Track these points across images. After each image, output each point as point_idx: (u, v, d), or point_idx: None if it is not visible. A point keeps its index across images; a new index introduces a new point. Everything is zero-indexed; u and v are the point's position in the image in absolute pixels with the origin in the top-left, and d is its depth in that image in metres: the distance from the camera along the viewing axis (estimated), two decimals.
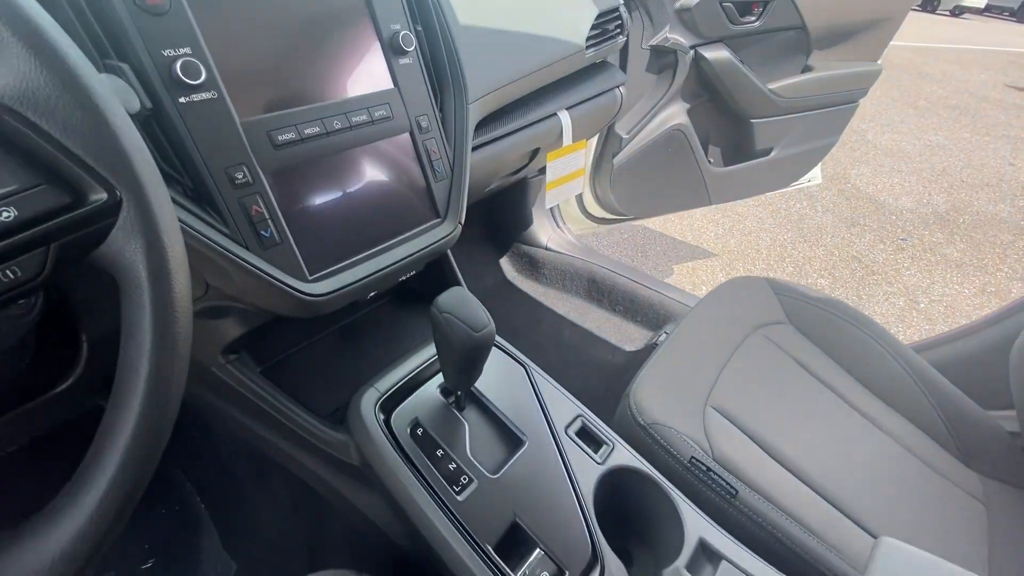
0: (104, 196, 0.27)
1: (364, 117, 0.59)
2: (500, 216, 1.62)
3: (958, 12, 14.40)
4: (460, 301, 0.52)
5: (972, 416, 0.90)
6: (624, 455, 0.64)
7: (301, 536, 0.80)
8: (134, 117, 0.41)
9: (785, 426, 0.83)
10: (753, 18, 1.47)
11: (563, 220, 1.67)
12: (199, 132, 0.47)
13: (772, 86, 1.56)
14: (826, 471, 0.77)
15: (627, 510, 0.64)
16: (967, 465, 0.87)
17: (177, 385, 0.30)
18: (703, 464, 0.69)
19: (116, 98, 0.28)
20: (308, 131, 0.54)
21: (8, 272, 0.26)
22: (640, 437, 0.73)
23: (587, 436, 0.65)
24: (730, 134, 1.66)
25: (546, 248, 1.58)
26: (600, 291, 1.47)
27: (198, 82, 0.46)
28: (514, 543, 0.54)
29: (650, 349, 1.28)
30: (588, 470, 0.61)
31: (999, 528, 0.78)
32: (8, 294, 0.26)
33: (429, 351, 0.68)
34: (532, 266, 1.59)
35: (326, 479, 0.70)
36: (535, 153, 1.03)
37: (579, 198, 1.68)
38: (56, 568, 0.26)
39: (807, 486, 0.74)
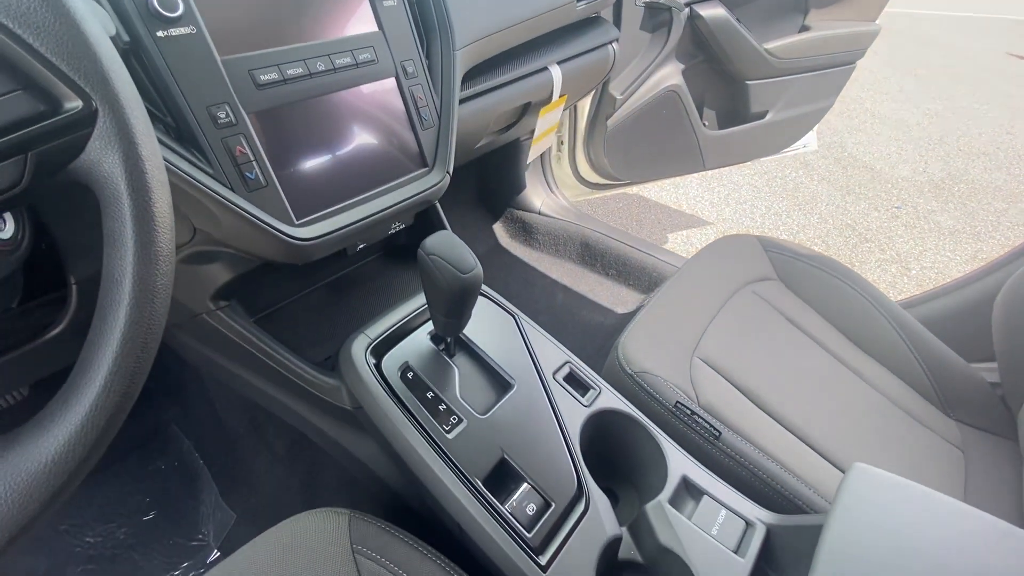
0: (79, 104, 0.27)
1: (348, 60, 0.59)
2: (493, 180, 1.61)
3: None
4: (447, 243, 0.53)
5: (955, 368, 0.92)
6: (610, 399, 0.65)
7: (297, 483, 0.82)
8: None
9: (770, 377, 0.84)
10: None
11: (556, 185, 1.66)
12: (179, 68, 0.46)
13: (768, 46, 1.54)
14: (808, 418, 0.79)
15: (612, 451, 0.65)
16: (947, 415, 0.89)
17: (162, 297, 0.30)
18: (688, 408, 0.71)
19: (92, 12, 0.28)
20: (291, 72, 0.54)
21: None
22: (627, 384, 0.75)
23: (575, 381, 0.66)
24: (725, 96, 1.64)
25: (539, 213, 1.58)
26: (593, 255, 1.47)
27: (175, 15, 0.45)
28: (502, 478, 0.56)
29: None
30: (575, 412, 0.62)
31: (976, 473, 0.81)
32: None
33: (419, 300, 0.68)
34: (525, 231, 1.59)
35: (319, 426, 0.71)
36: (525, 108, 1.02)
37: (573, 162, 1.67)
38: (50, 470, 0.27)
39: (788, 431, 0.76)
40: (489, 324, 0.68)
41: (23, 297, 0.52)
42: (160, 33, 0.45)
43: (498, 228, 1.62)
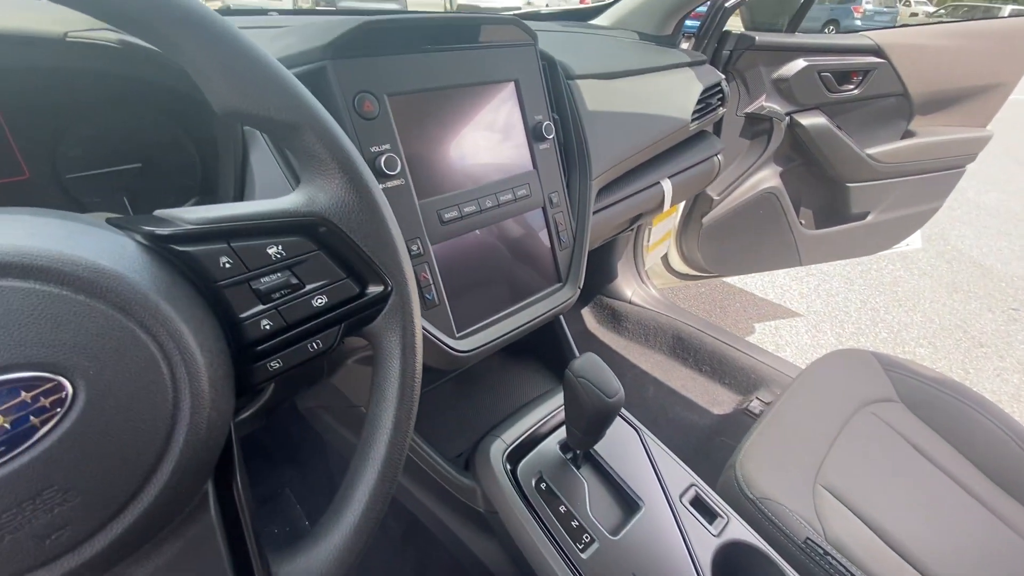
0: (381, 288, 0.35)
1: (509, 196, 0.67)
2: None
3: None
4: (594, 367, 0.57)
5: None
6: (740, 530, 0.64)
7: (408, 570, 0.85)
8: None
9: (900, 513, 0.79)
10: (852, 86, 1.48)
11: (647, 275, 1.70)
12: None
13: (871, 151, 1.54)
14: (945, 563, 0.73)
15: None
16: None
17: (409, 435, 0.36)
18: (820, 547, 0.68)
19: (390, 211, 0.36)
20: (467, 209, 0.63)
21: (314, 344, 0.33)
22: (748, 510, 0.73)
23: (701, 506, 0.66)
24: (823, 197, 1.64)
25: (629, 302, 1.61)
26: (686, 349, 1.47)
27: (394, 172, 0.55)
28: None
29: (741, 414, 1.26)
30: (704, 541, 0.62)
31: None
32: (309, 361, 0.34)
33: (547, 406, 0.72)
34: (614, 318, 1.62)
35: (443, 519, 0.75)
36: (637, 218, 1.08)
37: (664, 254, 1.71)
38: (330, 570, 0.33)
39: None
40: (613, 437, 0.71)
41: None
42: (382, 185, 0.55)
43: (586, 313, 1.66)
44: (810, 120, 1.47)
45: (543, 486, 0.64)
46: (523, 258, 0.71)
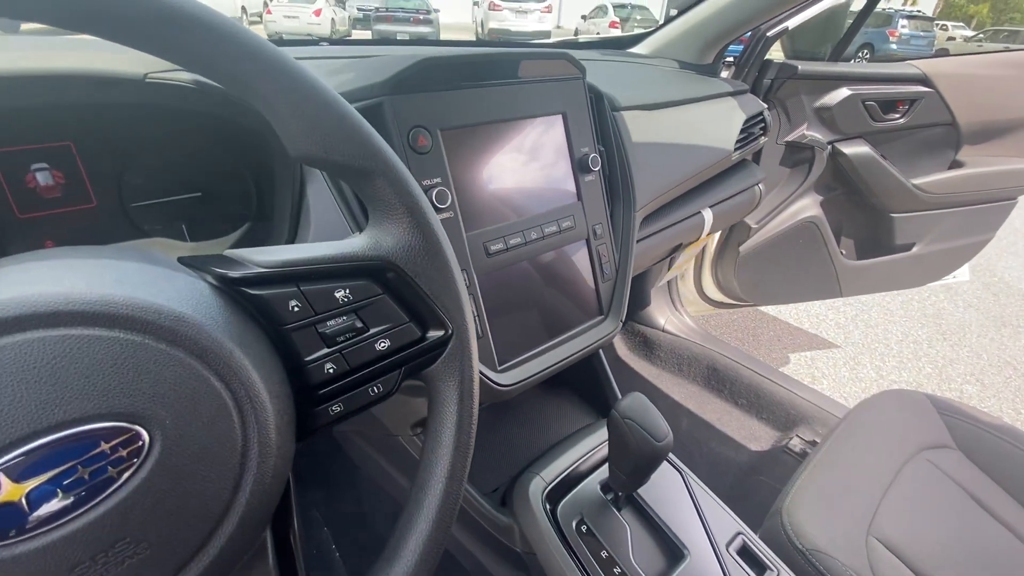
0: (442, 332, 0.35)
1: (554, 228, 0.67)
2: None
3: None
4: (641, 408, 0.55)
5: None
6: None
7: None
8: None
9: (959, 569, 0.74)
10: (898, 115, 1.44)
11: (681, 303, 1.67)
12: None
13: (917, 181, 1.50)
14: None
15: None
16: None
17: (464, 483, 0.35)
18: None
19: (454, 256, 0.36)
20: (512, 241, 0.62)
21: (375, 388, 0.33)
22: (798, 562, 0.69)
23: (749, 556, 0.63)
24: (866, 227, 1.59)
25: (662, 330, 1.58)
26: (721, 380, 1.43)
27: (445, 205, 0.55)
28: None
29: (780, 452, 1.21)
30: None
31: None
32: (370, 405, 0.33)
33: (587, 443, 0.70)
34: (646, 346, 1.59)
35: (473, 552, 0.73)
36: (677, 248, 1.06)
37: (699, 280, 1.67)
38: None
39: None
40: (656, 478, 0.68)
41: None
42: None
43: (617, 340, 1.63)
44: (853, 149, 1.43)
45: (584, 528, 0.61)
46: (565, 290, 0.70)
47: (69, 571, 0.21)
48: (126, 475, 0.23)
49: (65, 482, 0.21)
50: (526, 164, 0.65)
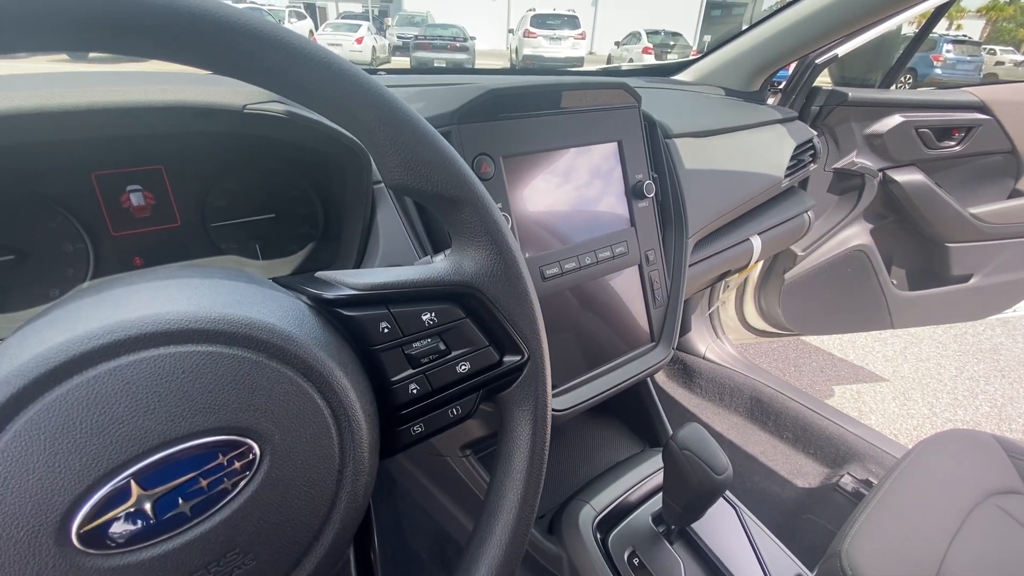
0: (518, 358, 0.35)
1: (608, 253, 0.67)
2: None
3: None
4: (700, 440, 0.54)
5: None
6: None
7: None
8: None
9: None
10: (953, 143, 1.40)
11: (723, 330, 1.63)
12: None
13: (974, 210, 1.44)
14: None
15: None
16: None
17: (535, 510, 0.35)
18: None
19: (532, 283, 0.36)
20: (567, 266, 0.63)
21: (455, 409, 0.34)
22: None
23: None
24: (919, 257, 1.53)
25: (703, 357, 1.54)
26: (765, 412, 1.38)
27: None
28: None
29: (830, 490, 1.16)
30: None
31: None
32: (449, 427, 0.34)
33: (637, 473, 0.69)
34: (686, 374, 1.55)
35: None
36: (724, 275, 1.05)
37: (740, 308, 1.64)
38: None
39: None
40: (710, 512, 0.66)
41: None
42: None
43: None
44: (906, 177, 1.39)
45: (636, 562, 0.60)
46: (617, 316, 0.70)
47: None
48: (239, 487, 0.24)
49: (187, 491, 0.23)
50: (581, 190, 0.66)
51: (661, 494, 0.61)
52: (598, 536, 0.61)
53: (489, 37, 19.44)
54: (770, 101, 1.29)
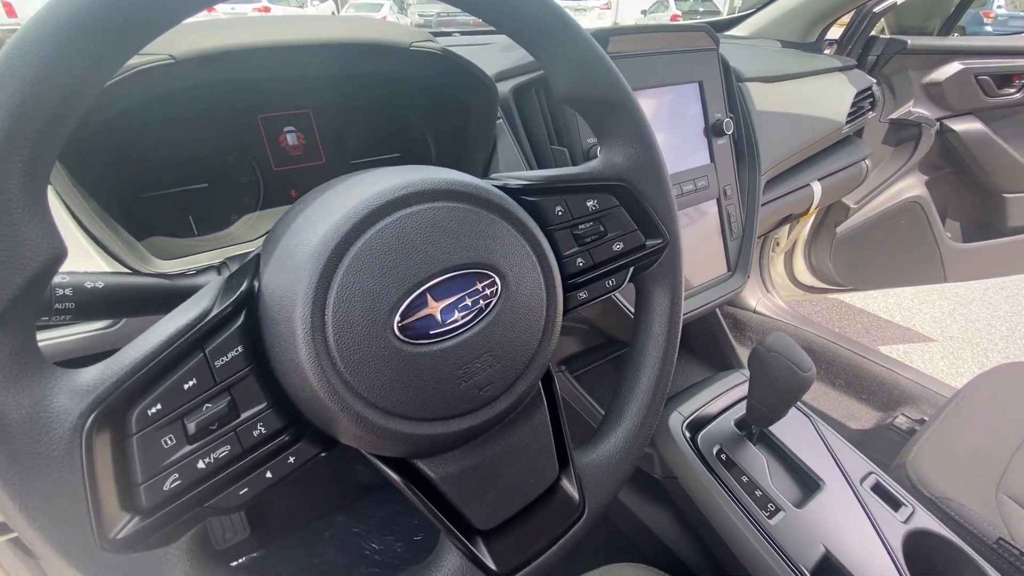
0: (659, 241, 0.42)
1: (691, 187, 0.73)
2: None
3: None
4: (786, 343, 0.60)
5: None
6: (927, 520, 0.64)
7: None
8: None
9: None
10: (1013, 90, 1.39)
11: (773, 284, 1.67)
12: None
13: None
14: None
15: None
16: None
17: (672, 367, 0.43)
18: (1015, 548, 0.65)
19: (669, 175, 0.43)
20: None
21: (611, 280, 0.41)
22: (928, 509, 0.71)
23: (883, 493, 0.66)
24: (976, 208, 1.53)
25: (754, 311, 1.59)
26: (816, 360, 1.42)
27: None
28: (828, 573, 0.58)
29: (885, 430, 1.20)
30: (892, 527, 0.62)
31: None
32: (606, 295, 0.41)
33: (717, 387, 0.76)
34: (736, 328, 1.60)
35: None
36: (786, 219, 1.09)
37: (789, 264, 1.67)
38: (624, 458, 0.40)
39: None
40: (786, 422, 0.73)
41: None
42: None
43: None
44: (964, 126, 1.39)
45: (723, 457, 0.67)
46: (697, 246, 0.76)
47: (459, 368, 0.30)
48: (490, 307, 0.31)
49: (460, 305, 0.30)
50: (665, 127, 0.72)
51: (743, 402, 0.68)
52: (687, 434, 0.69)
53: None
54: (826, 52, 1.30)
